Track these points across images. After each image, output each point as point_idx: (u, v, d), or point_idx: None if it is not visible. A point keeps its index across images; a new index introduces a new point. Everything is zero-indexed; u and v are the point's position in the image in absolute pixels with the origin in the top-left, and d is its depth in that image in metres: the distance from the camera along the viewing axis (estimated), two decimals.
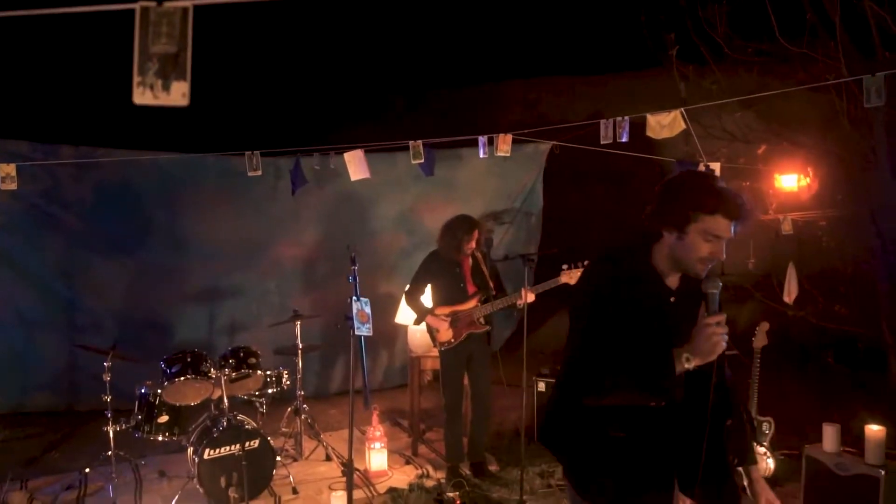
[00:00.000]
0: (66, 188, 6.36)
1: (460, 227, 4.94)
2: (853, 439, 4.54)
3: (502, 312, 5.30)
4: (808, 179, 7.52)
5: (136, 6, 1.13)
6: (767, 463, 4.84)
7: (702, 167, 4.99)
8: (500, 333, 7.83)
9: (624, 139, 4.39)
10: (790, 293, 5.83)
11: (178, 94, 1.19)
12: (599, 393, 2.17)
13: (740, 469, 2.48)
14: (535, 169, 7.54)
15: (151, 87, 1.20)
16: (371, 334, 2.76)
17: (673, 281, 2.26)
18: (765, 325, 5.15)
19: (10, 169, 4.49)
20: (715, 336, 2.04)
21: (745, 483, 2.45)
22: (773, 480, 4.77)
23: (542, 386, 5.87)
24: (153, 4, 1.15)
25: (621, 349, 2.12)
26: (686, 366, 2.07)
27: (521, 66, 12.18)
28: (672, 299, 2.24)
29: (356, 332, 2.61)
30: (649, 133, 4.31)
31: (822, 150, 7.26)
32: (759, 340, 5.10)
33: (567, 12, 11.91)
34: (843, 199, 7.54)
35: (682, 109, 4.17)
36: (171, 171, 6.51)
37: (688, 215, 2.13)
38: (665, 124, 4.17)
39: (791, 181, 7.65)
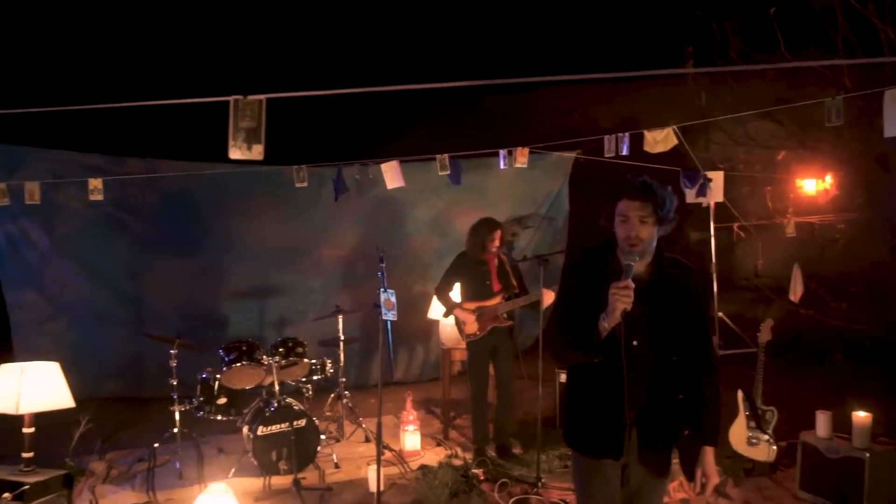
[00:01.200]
0: (134, 197, 7.08)
1: (483, 227, 5.48)
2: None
3: (533, 312, 5.77)
4: (826, 184, 7.84)
5: (231, 99, 1.71)
6: (771, 448, 5.22)
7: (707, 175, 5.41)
8: (529, 331, 8.33)
9: (624, 153, 4.85)
10: (795, 293, 6.20)
11: (256, 152, 1.80)
12: (555, 351, 2.76)
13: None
14: (560, 176, 8.02)
15: (240, 148, 1.79)
16: (396, 319, 3.28)
17: (638, 267, 2.59)
18: (769, 322, 5.55)
19: (98, 182, 5.19)
20: (617, 296, 2.41)
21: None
22: (775, 465, 5.17)
23: (563, 378, 6.34)
24: (241, 97, 1.73)
25: (573, 318, 2.59)
26: (604, 324, 2.47)
27: (555, 74, 12.50)
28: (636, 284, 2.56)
29: (383, 318, 3.15)
30: (646, 147, 4.78)
31: (840, 156, 7.56)
32: (764, 336, 5.50)
33: (601, 21, 12.29)
34: (861, 203, 7.82)
35: (675, 127, 4.62)
36: (226, 181, 7.18)
37: (611, 208, 2.60)
38: (659, 140, 4.62)
39: (810, 186, 7.97)
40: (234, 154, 1.97)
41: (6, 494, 3.55)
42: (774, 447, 5.21)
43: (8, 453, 4.36)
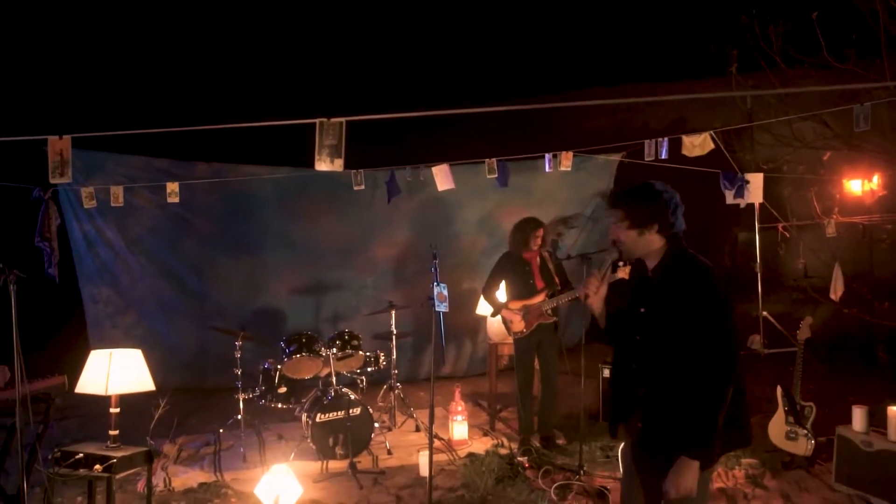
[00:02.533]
0: (199, 198, 7.55)
1: (526, 226, 5.77)
2: None
3: (581, 309, 5.99)
4: (873, 184, 7.86)
5: (317, 121, 2.04)
6: (809, 443, 5.36)
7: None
8: (576, 329, 8.54)
9: (664, 156, 5.06)
10: (836, 292, 6.30)
11: (337, 164, 2.14)
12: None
13: None
14: (605, 178, 8.22)
15: (325, 161, 2.12)
16: (447, 311, 3.58)
17: (650, 264, 2.89)
18: (808, 320, 5.68)
19: (175, 186, 5.64)
20: (588, 282, 2.93)
21: None
22: (813, 459, 5.31)
23: (607, 372, 6.55)
24: (325, 120, 2.06)
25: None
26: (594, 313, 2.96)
27: (604, 74, 12.68)
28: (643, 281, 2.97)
29: (436, 309, 3.45)
30: (684, 151, 4.98)
31: (887, 156, 7.57)
32: (803, 333, 5.64)
33: (648, 22, 12.40)
34: None
35: (711, 132, 4.81)
36: (285, 184, 7.60)
37: None
38: (697, 144, 4.82)
39: (856, 186, 7.99)
40: (320, 166, 2.39)
41: (97, 466, 3.95)
42: (812, 441, 5.33)
43: (86, 435, 4.80)
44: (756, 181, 5.83)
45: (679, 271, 2.77)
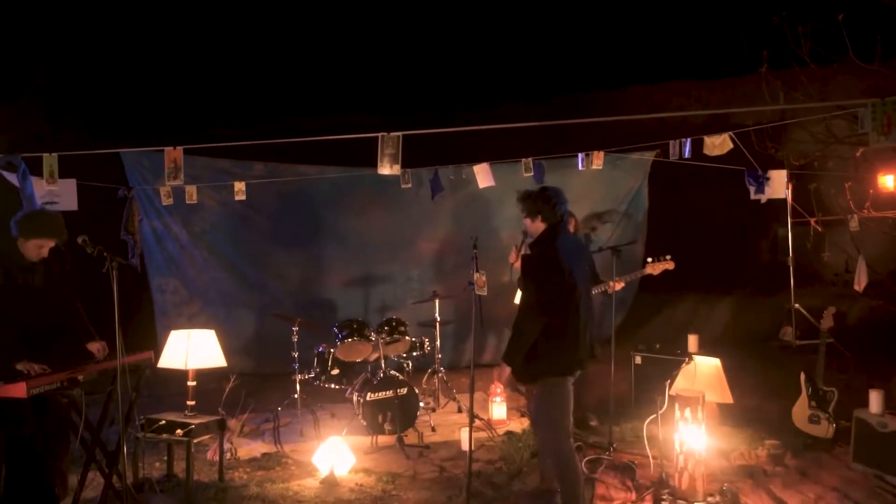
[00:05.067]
0: (257, 195, 8.10)
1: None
2: None
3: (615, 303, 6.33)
4: None
5: (379, 135, 2.52)
6: (830, 426, 5.65)
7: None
8: (611, 321, 8.88)
9: (686, 155, 5.40)
10: (860, 283, 6.54)
11: (396, 169, 2.62)
12: None
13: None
14: (639, 175, 8.55)
15: (385, 167, 2.60)
16: (486, 294, 4.03)
17: None
18: (831, 310, 5.99)
19: (241, 185, 6.20)
20: (511, 254, 4.54)
21: None
22: (834, 442, 5.60)
23: (638, 360, 6.92)
24: (386, 134, 2.54)
25: None
26: None
27: (643, 71, 12.87)
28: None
29: (476, 292, 3.90)
30: (705, 151, 5.31)
31: None
32: (826, 322, 5.94)
33: (687, 20, 12.57)
34: None
35: (731, 133, 5.13)
36: (337, 182, 8.13)
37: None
38: (717, 144, 5.15)
39: (890, 182, 8.14)
40: (383, 171, 3.00)
41: (178, 431, 4.51)
42: (833, 425, 5.63)
43: (166, 407, 5.37)
44: (779, 178, 6.12)
45: (537, 245, 4.08)
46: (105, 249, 3.75)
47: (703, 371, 5.55)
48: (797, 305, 8.36)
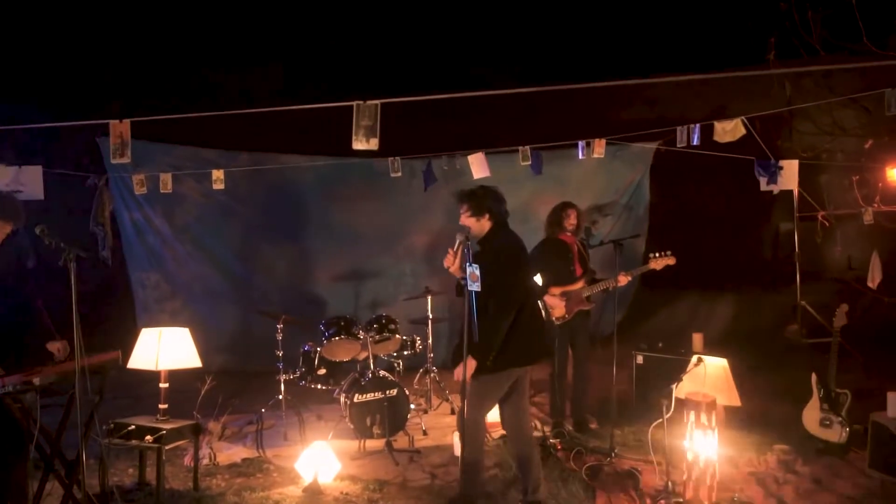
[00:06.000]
0: (243, 187, 7.80)
1: (559, 207, 5.97)
2: None
3: (614, 299, 6.05)
4: None
5: (354, 104, 2.20)
6: (844, 430, 5.35)
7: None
8: (611, 319, 8.58)
9: (695, 142, 5.09)
10: (874, 279, 6.26)
11: (373, 143, 2.31)
12: None
13: None
14: (641, 166, 8.24)
15: (361, 141, 2.28)
16: (480, 290, 3.72)
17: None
18: (844, 307, 5.67)
19: (220, 173, 5.88)
20: (447, 257, 4.12)
21: None
22: (847, 447, 5.30)
23: (640, 359, 6.61)
24: (362, 102, 2.22)
25: None
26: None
27: (641, 63, 12.58)
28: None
29: (469, 289, 3.59)
30: (715, 137, 5.00)
31: None
32: (839, 321, 5.63)
33: (687, 10, 12.28)
34: None
35: (744, 118, 4.82)
36: (325, 172, 7.80)
37: None
38: (728, 130, 4.84)
39: None
40: (357, 145, 2.61)
41: (148, 437, 4.19)
42: (847, 429, 5.33)
43: (140, 413, 5.06)
44: (791, 168, 5.81)
45: (489, 242, 4.10)
46: (62, 241, 3.41)
47: (709, 372, 5.24)
48: (803, 302, 8.10)
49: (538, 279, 6.10)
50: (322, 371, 6.22)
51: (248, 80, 11.12)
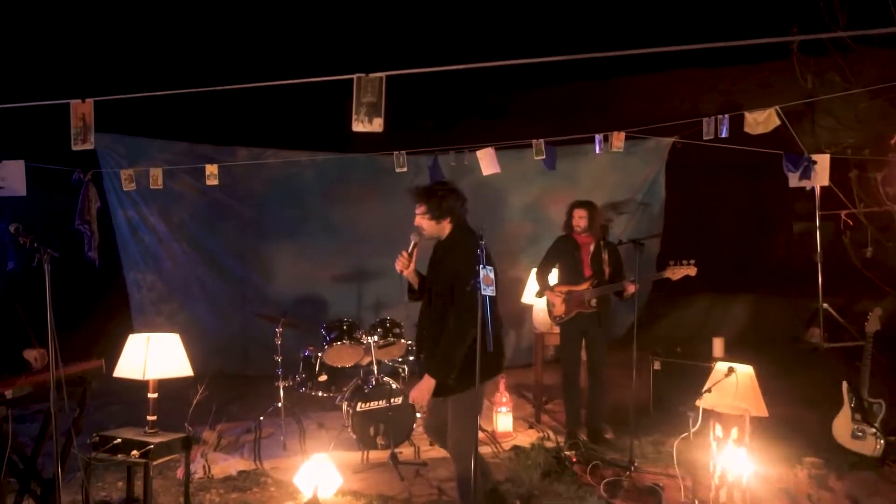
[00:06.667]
0: (241, 183, 7.49)
1: (569, 206, 5.67)
2: None
3: (626, 302, 5.75)
4: None
5: (354, 77, 1.86)
6: (878, 442, 5.02)
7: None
8: (624, 319, 8.27)
9: (724, 134, 4.76)
10: None
11: (377, 124, 1.96)
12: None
13: None
14: (656, 163, 7.92)
15: (363, 122, 1.94)
16: (494, 294, 3.41)
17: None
18: (878, 311, 5.34)
19: (213, 168, 5.57)
20: (399, 260, 3.95)
21: None
22: (883, 460, 4.97)
23: (657, 365, 6.29)
24: (364, 75, 1.88)
25: None
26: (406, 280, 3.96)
27: (653, 59, 12.25)
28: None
29: (482, 293, 3.26)
30: (746, 129, 4.68)
31: None
32: (872, 325, 5.30)
33: (698, 5, 11.93)
34: None
35: (778, 108, 4.49)
36: (327, 168, 7.48)
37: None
38: (760, 121, 4.51)
39: None
40: (357, 127, 2.18)
41: (134, 452, 3.87)
42: (882, 441, 5.01)
43: (130, 420, 4.77)
44: (822, 163, 5.49)
45: (449, 245, 3.86)
46: (37, 240, 3.10)
47: (733, 379, 4.92)
48: (825, 305, 7.76)
49: (553, 277, 5.80)
50: (323, 377, 5.90)
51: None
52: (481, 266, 3.25)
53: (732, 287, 9.88)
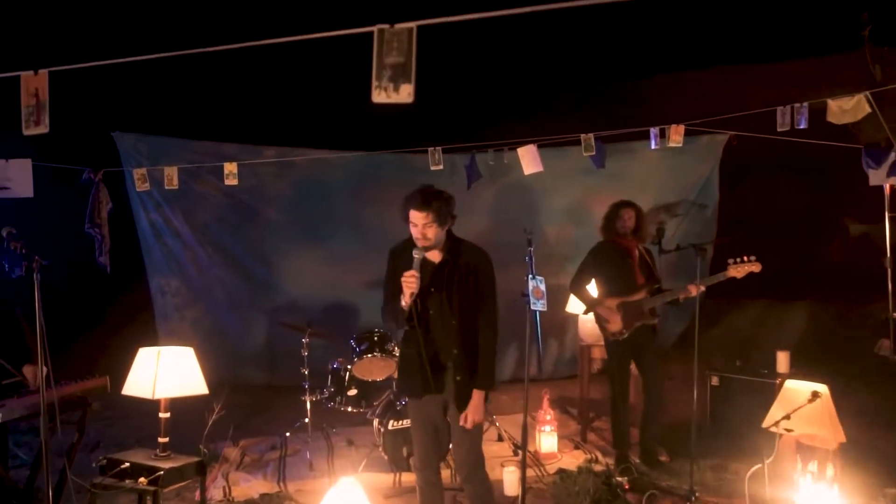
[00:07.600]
0: (267, 185, 7.15)
1: (613, 207, 5.19)
2: None
3: (674, 307, 5.29)
4: None
5: (374, 29, 1.42)
6: None
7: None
8: (671, 329, 7.75)
9: (802, 126, 4.25)
10: None
11: (405, 93, 1.51)
12: (384, 320, 3.69)
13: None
14: (710, 160, 7.39)
15: (385, 90, 1.50)
16: (546, 309, 3.00)
17: (435, 255, 3.55)
18: None
19: (233, 167, 5.21)
20: (405, 283, 3.32)
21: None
22: None
23: (715, 380, 5.76)
24: (387, 27, 1.44)
25: (389, 295, 3.60)
26: (401, 304, 3.37)
27: (697, 56, 11.74)
28: (430, 267, 3.50)
29: (532, 308, 2.85)
30: (830, 118, 4.16)
31: None
32: None
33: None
34: None
35: (868, 93, 3.97)
36: (357, 168, 7.10)
37: (406, 216, 3.48)
38: (847, 109, 4.00)
39: None
40: (379, 97, 1.65)
41: (142, 479, 3.51)
42: None
43: (145, 436, 4.40)
44: None
45: (469, 252, 3.65)
46: (25, 246, 2.74)
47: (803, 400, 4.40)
48: (895, 315, 7.15)
49: (592, 288, 5.30)
50: (353, 391, 5.49)
51: None
52: (530, 276, 2.81)
53: (785, 293, 9.28)
